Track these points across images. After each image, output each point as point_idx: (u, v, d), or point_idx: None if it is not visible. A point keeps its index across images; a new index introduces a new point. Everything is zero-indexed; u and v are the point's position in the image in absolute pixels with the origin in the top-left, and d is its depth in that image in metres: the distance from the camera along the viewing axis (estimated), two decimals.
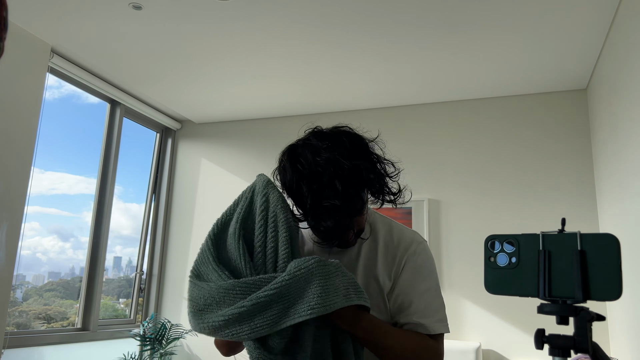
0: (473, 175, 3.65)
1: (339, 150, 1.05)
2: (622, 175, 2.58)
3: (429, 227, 3.64)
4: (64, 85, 3.54)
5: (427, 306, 1.14)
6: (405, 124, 3.89)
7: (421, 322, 1.12)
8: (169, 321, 3.95)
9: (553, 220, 3.37)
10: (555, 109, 3.57)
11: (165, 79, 3.58)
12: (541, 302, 0.76)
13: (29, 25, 2.89)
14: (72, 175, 3.72)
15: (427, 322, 1.12)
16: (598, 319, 0.72)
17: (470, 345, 3.20)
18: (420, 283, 1.15)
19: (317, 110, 4.09)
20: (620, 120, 2.57)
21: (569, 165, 3.45)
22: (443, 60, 3.18)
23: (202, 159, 4.42)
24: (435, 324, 1.13)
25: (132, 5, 2.65)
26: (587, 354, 0.71)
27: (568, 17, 2.64)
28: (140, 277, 4.19)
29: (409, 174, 3.79)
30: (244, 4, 2.60)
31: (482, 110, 3.74)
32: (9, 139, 2.84)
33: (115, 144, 3.83)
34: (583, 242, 0.74)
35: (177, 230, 4.33)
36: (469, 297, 3.46)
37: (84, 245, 3.68)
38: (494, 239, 0.81)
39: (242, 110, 4.14)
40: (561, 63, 3.17)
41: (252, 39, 2.96)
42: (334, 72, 3.37)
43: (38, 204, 3.38)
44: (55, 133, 3.51)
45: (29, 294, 3.45)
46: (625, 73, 2.43)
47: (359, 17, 2.70)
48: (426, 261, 1.19)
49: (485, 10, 2.60)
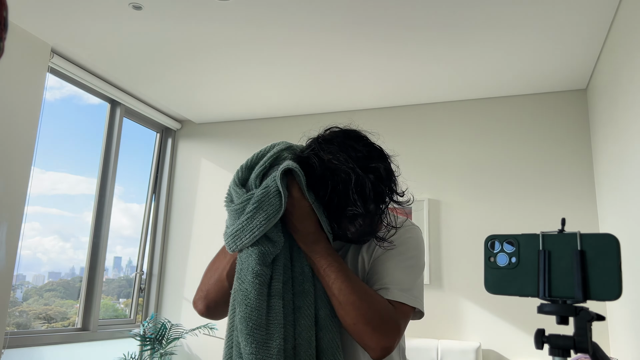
0: (473, 176, 3.65)
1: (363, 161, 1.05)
2: (622, 176, 2.58)
3: (429, 227, 3.64)
4: (65, 86, 3.54)
5: (400, 277, 1.06)
6: (405, 124, 3.90)
7: (387, 286, 1.04)
8: (169, 321, 3.95)
9: (553, 220, 3.37)
10: (555, 109, 3.57)
11: (165, 79, 3.58)
12: (541, 302, 0.76)
13: (29, 25, 2.89)
14: (73, 176, 3.73)
15: (392, 287, 1.04)
16: (598, 319, 0.72)
17: (470, 345, 3.20)
18: (398, 255, 1.09)
19: (317, 110, 4.09)
20: (620, 120, 2.57)
21: (569, 165, 3.45)
22: (443, 61, 3.18)
23: (202, 159, 4.42)
24: (400, 292, 1.03)
25: (132, 5, 2.65)
26: (587, 354, 0.71)
27: (568, 17, 2.64)
28: (140, 277, 4.19)
29: (409, 174, 3.79)
30: (244, 4, 2.60)
31: (482, 110, 3.75)
32: (9, 139, 2.84)
33: (115, 144, 3.83)
34: (583, 242, 0.74)
35: (177, 230, 4.33)
36: (469, 297, 3.46)
37: (84, 245, 3.68)
38: (494, 239, 0.81)
39: (242, 110, 4.14)
40: (561, 63, 3.17)
41: (252, 39, 2.96)
42: (334, 72, 3.37)
43: (39, 204, 3.38)
44: (57, 133, 3.51)
45: (29, 294, 3.45)
46: (625, 73, 2.43)
47: (359, 17, 2.70)
48: (410, 239, 1.12)
49: (485, 10, 2.60)
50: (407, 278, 1.07)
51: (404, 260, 1.09)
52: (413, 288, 1.07)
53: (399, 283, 1.05)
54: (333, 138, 1.09)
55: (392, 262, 1.08)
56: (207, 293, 1.10)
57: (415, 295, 1.07)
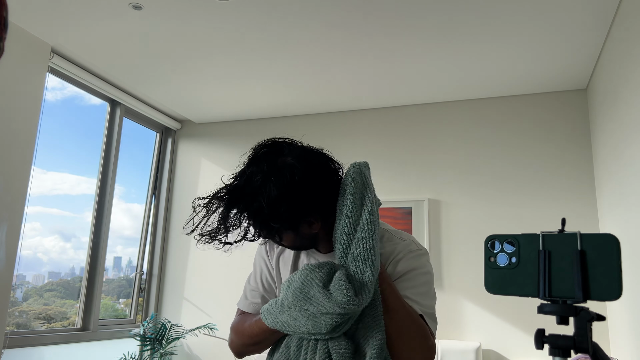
0: (473, 175, 3.65)
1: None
2: (622, 176, 2.58)
3: (429, 227, 3.64)
4: (67, 86, 3.55)
5: (421, 292, 1.11)
6: (405, 124, 3.89)
7: (416, 299, 1.09)
8: (169, 321, 3.95)
9: (553, 220, 3.37)
10: (555, 109, 3.57)
11: (165, 79, 3.58)
12: (541, 302, 0.76)
13: (29, 25, 2.89)
14: (74, 176, 3.73)
15: (420, 301, 1.09)
16: (598, 319, 0.72)
17: (470, 345, 3.20)
18: (415, 277, 1.13)
19: (317, 110, 4.09)
20: (620, 120, 2.57)
21: (569, 165, 3.45)
22: (443, 60, 3.18)
23: (202, 159, 4.42)
24: (426, 309, 1.10)
25: (132, 5, 2.65)
26: (587, 354, 0.71)
27: (568, 17, 2.64)
28: (140, 277, 4.19)
29: (409, 174, 3.79)
30: (244, 4, 2.60)
31: (482, 110, 3.75)
32: (9, 138, 2.84)
33: (115, 144, 3.83)
34: (583, 242, 0.74)
35: (177, 230, 4.33)
36: (469, 297, 3.46)
37: (84, 246, 3.68)
38: (494, 239, 0.81)
39: (242, 110, 4.14)
40: (561, 63, 3.17)
41: (252, 39, 2.96)
42: (333, 72, 3.37)
43: (40, 205, 3.38)
44: (58, 134, 3.52)
45: (29, 294, 3.45)
46: (625, 73, 2.43)
47: (359, 17, 2.70)
48: (421, 266, 1.15)
49: (485, 10, 2.60)
50: (431, 299, 1.16)
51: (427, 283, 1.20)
52: (434, 311, 1.17)
53: (425, 302, 1.14)
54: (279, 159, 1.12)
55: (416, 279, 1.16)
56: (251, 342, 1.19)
57: (436, 319, 1.17)
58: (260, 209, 1.01)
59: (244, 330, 1.17)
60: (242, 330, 1.18)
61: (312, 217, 1.07)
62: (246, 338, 1.16)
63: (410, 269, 1.13)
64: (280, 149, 1.09)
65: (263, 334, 1.12)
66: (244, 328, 1.17)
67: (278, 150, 1.09)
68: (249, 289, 1.29)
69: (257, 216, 1.03)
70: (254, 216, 1.03)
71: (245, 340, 1.17)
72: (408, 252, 1.14)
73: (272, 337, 1.13)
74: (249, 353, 1.20)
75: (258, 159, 1.07)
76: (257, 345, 1.15)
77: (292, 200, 1.01)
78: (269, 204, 1.00)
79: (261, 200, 1.01)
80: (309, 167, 1.05)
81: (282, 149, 1.09)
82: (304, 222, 1.07)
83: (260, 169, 1.04)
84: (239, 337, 1.19)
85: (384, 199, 3.77)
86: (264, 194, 1.01)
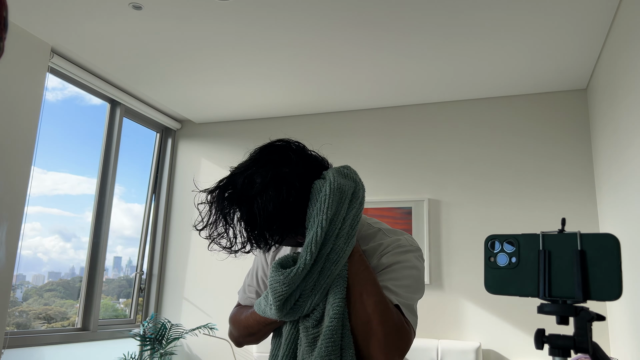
0: (473, 175, 3.65)
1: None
2: (622, 175, 2.58)
3: (429, 227, 3.64)
4: (67, 86, 3.55)
5: (402, 284, 1.09)
6: (405, 124, 3.89)
7: (396, 290, 1.07)
8: (169, 321, 3.95)
9: (553, 220, 3.37)
10: (555, 109, 3.57)
11: (165, 79, 3.58)
12: (541, 302, 0.76)
13: (29, 25, 2.89)
14: (75, 176, 3.73)
15: (400, 292, 1.06)
16: (598, 319, 0.72)
17: (470, 345, 3.20)
18: (398, 270, 1.11)
19: (317, 110, 4.09)
20: (620, 120, 2.57)
21: (569, 165, 3.45)
22: (443, 61, 3.18)
23: (202, 159, 4.42)
24: (404, 300, 1.07)
25: (132, 5, 2.65)
26: (587, 354, 0.71)
27: (568, 17, 2.64)
28: (140, 277, 4.19)
29: (409, 174, 3.79)
30: (244, 4, 2.60)
31: (482, 110, 3.75)
32: (9, 139, 2.84)
33: (115, 144, 3.83)
34: (583, 242, 0.74)
35: (177, 230, 4.33)
36: (469, 297, 3.46)
37: (85, 246, 3.68)
38: (494, 239, 0.81)
39: (242, 110, 4.14)
40: (561, 63, 3.17)
41: (252, 39, 2.96)
42: (334, 72, 3.37)
43: (40, 204, 3.38)
44: (58, 134, 3.52)
45: (29, 294, 3.45)
46: (625, 73, 2.43)
47: (359, 17, 2.70)
48: (407, 260, 1.13)
49: (486, 10, 2.60)
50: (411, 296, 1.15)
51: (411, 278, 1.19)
52: (414, 308, 1.17)
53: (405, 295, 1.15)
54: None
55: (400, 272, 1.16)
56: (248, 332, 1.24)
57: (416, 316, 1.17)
58: (254, 217, 1.03)
59: (240, 321, 1.24)
60: (239, 322, 1.24)
61: (299, 230, 1.08)
62: (242, 329, 1.23)
63: (394, 262, 1.12)
64: (287, 157, 1.08)
65: (257, 325, 1.17)
66: (240, 320, 1.24)
67: (284, 158, 1.08)
68: (247, 284, 1.35)
69: (250, 222, 1.04)
70: (247, 222, 1.04)
71: (242, 332, 1.24)
72: (396, 246, 1.14)
73: (266, 329, 1.18)
74: (247, 343, 1.27)
75: (263, 161, 1.07)
76: (253, 336, 1.21)
77: (285, 218, 1.03)
78: (263, 216, 1.02)
79: (257, 210, 1.02)
80: (306, 187, 1.06)
81: (288, 158, 1.08)
82: (292, 234, 1.09)
83: (262, 174, 1.04)
84: (236, 329, 1.25)
85: (384, 199, 3.78)
86: (260, 205, 1.02)
